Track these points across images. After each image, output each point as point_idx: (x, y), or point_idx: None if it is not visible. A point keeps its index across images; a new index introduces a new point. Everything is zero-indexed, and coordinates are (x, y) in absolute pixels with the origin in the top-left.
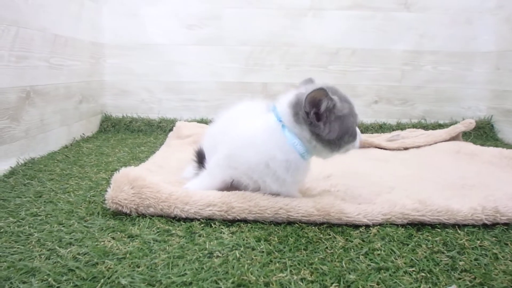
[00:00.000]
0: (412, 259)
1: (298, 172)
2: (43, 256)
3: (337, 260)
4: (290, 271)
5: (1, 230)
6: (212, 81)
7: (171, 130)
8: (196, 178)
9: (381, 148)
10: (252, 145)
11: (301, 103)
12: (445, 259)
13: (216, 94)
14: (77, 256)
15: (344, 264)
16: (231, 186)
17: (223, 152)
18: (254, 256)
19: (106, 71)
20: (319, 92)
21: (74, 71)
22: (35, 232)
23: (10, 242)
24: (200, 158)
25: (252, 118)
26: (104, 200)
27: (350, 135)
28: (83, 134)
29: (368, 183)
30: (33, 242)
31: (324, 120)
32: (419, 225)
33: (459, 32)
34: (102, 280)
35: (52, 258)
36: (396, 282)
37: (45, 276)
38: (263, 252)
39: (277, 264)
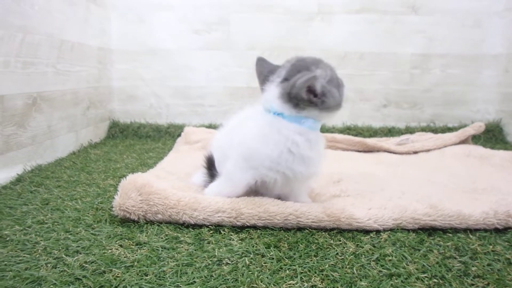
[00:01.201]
0: (424, 265)
1: (318, 145)
2: (49, 265)
3: (348, 267)
4: (301, 278)
5: (7, 239)
6: (220, 86)
7: (179, 135)
8: (213, 185)
9: (390, 152)
10: (267, 139)
11: (297, 96)
12: (458, 264)
13: (225, 99)
14: (84, 264)
15: (355, 271)
16: (255, 189)
17: (238, 156)
18: (264, 263)
19: (114, 77)
20: (308, 81)
21: (82, 76)
22: (41, 240)
23: (16, 251)
24: (210, 164)
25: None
26: (112, 207)
27: (342, 85)
28: (91, 140)
29: (378, 188)
30: (39, 251)
31: (326, 95)
32: (430, 230)
33: (468, 35)
34: None
35: (58, 267)
36: None
37: (52, 286)
38: (273, 259)
39: (288, 271)
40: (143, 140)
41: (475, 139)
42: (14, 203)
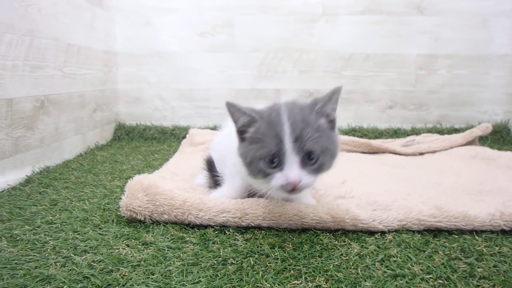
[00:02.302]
0: (429, 266)
1: None
2: (58, 264)
3: (352, 267)
4: (305, 278)
5: (17, 238)
6: (225, 88)
7: (184, 137)
8: (220, 188)
9: (395, 154)
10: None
11: None
12: (463, 266)
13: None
14: (92, 263)
15: (359, 271)
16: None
17: (229, 160)
18: (269, 263)
19: (119, 80)
20: (229, 106)
21: (88, 79)
22: (50, 240)
23: (26, 250)
24: (210, 166)
25: None
26: (119, 207)
27: (259, 167)
28: (97, 142)
29: (383, 189)
30: (48, 250)
31: (241, 137)
32: (435, 231)
33: (474, 35)
34: None
35: (67, 266)
36: None
37: (61, 284)
38: (277, 259)
39: (292, 271)
40: (149, 142)
41: (482, 140)
42: (23, 203)
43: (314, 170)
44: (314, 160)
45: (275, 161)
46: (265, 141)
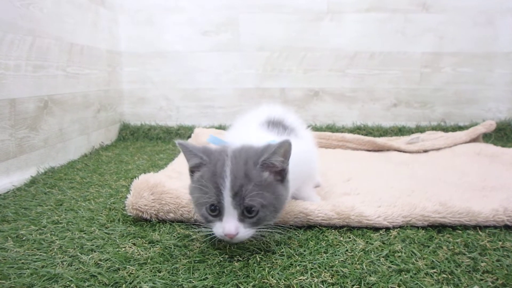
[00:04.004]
0: (433, 261)
1: None
2: (65, 263)
3: (357, 263)
4: (311, 274)
5: (24, 238)
6: (230, 87)
7: (189, 137)
8: None
9: (400, 151)
10: None
11: None
12: (467, 260)
13: (234, 101)
14: (98, 262)
15: (364, 267)
16: None
17: None
18: (275, 259)
19: (124, 80)
20: (181, 146)
21: (91, 79)
22: (56, 239)
23: (32, 250)
24: None
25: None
26: (124, 207)
27: (202, 212)
28: (102, 142)
29: (388, 186)
30: (55, 249)
31: (192, 177)
32: (439, 227)
33: (480, 33)
34: (124, 286)
35: (74, 265)
36: (417, 284)
37: (68, 282)
38: (283, 255)
39: (298, 267)
40: (154, 142)
41: (486, 137)
42: (29, 204)
43: (252, 224)
44: (253, 214)
45: (216, 211)
46: (208, 190)
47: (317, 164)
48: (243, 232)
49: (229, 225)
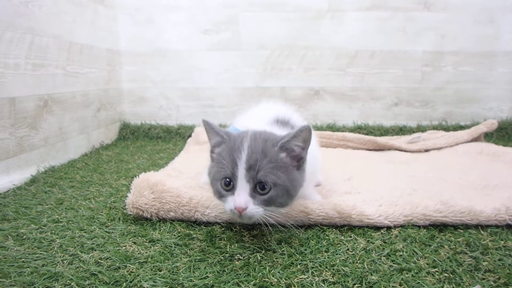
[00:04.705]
0: (434, 260)
1: None
2: (65, 261)
3: (358, 262)
4: (312, 272)
5: (24, 237)
6: (230, 86)
7: (189, 136)
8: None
9: (401, 151)
10: None
11: None
12: (468, 259)
13: (234, 100)
14: (99, 260)
15: (366, 266)
16: None
17: None
18: (276, 258)
19: (123, 79)
20: (205, 123)
21: (91, 78)
22: (57, 238)
23: (33, 248)
24: None
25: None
26: (125, 205)
27: (217, 187)
28: (102, 141)
29: (389, 185)
30: (55, 248)
31: (211, 157)
32: (441, 226)
33: (481, 31)
34: (124, 284)
35: (74, 263)
36: (418, 282)
37: (68, 281)
38: (284, 254)
39: (299, 266)
40: (154, 141)
41: (488, 137)
42: (29, 203)
43: (263, 201)
44: (265, 191)
45: (229, 185)
46: (224, 164)
47: (320, 163)
48: (253, 208)
49: (240, 198)
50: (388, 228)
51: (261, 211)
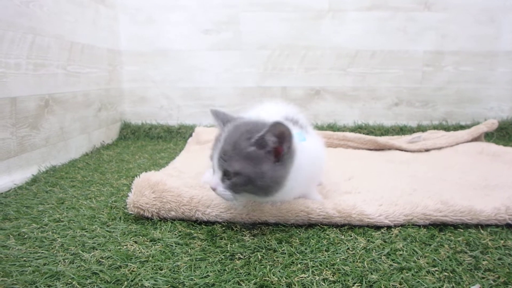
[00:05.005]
0: (434, 259)
1: None
2: (67, 261)
3: (359, 261)
4: (312, 271)
5: (25, 236)
6: (231, 86)
7: (190, 136)
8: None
9: (402, 150)
10: None
11: None
12: (468, 258)
13: (235, 99)
14: (100, 260)
15: (366, 265)
16: None
17: None
18: (276, 257)
19: (124, 78)
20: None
21: (92, 78)
22: (58, 237)
23: (34, 248)
24: None
25: None
26: (126, 205)
27: (211, 165)
28: (103, 141)
29: (390, 185)
30: (56, 247)
31: None
32: (441, 226)
33: (482, 31)
34: (125, 283)
35: (76, 262)
36: (418, 281)
37: (70, 280)
38: (284, 253)
39: (299, 265)
40: (155, 141)
41: (488, 136)
42: (30, 202)
43: (229, 186)
44: (228, 178)
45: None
46: (212, 150)
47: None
48: (221, 190)
49: (213, 180)
50: (388, 227)
51: (228, 194)
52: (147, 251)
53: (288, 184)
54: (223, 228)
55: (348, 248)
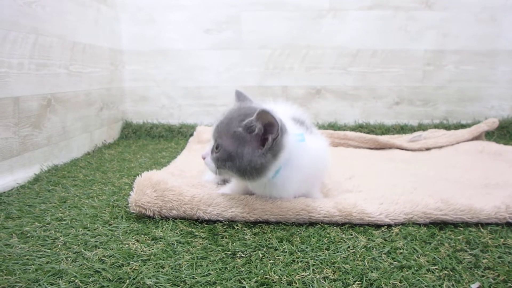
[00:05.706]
0: (434, 258)
1: None
2: (69, 259)
3: (359, 259)
4: (313, 270)
5: (28, 235)
6: (232, 85)
7: (191, 135)
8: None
9: (402, 149)
10: None
11: None
12: (468, 257)
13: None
14: (102, 258)
15: (366, 263)
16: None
17: None
18: (277, 256)
19: (126, 78)
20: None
21: (94, 78)
22: (61, 236)
23: (37, 246)
24: None
25: None
26: (128, 204)
27: None
28: (105, 140)
29: (390, 184)
30: (59, 246)
31: None
32: (441, 224)
33: (483, 30)
34: (127, 281)
35: (78, 261)
36: (418, 280)
37: (72, 278)
38: (285, 252)
39: (300, 264)
40: (156, 140)
41: (489, 135)
42: (32, 201)
43: (215, 158)
44: (217, 151)
45: None
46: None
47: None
48: (209, 161)
49: (205, 150)
50: (389, 226)
51: (213, 166)
52: (149, 250)
53: (281, 179)
54: (224, 227)
55: (349, 247)
